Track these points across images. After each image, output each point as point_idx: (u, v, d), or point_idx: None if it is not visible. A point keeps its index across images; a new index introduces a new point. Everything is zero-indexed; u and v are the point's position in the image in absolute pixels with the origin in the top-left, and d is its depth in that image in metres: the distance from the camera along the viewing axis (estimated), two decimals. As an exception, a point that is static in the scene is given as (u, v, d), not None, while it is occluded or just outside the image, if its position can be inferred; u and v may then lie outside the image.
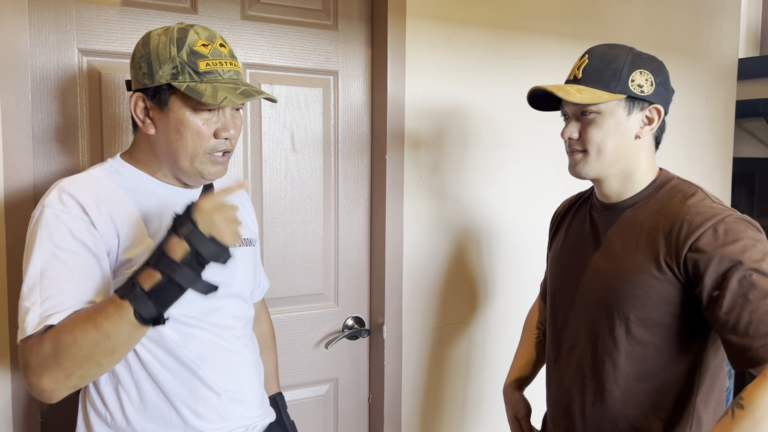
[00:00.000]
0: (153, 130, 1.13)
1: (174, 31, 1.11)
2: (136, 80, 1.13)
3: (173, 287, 0.97)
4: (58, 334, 0.97)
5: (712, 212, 1.12)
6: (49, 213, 1.05)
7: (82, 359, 0.96)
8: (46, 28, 1.47)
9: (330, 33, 1.83)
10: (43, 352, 0.97)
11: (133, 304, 0.95)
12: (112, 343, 0.96)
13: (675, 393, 1.17)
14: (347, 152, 1.89)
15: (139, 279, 0.97)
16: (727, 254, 1.08)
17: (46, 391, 0.98)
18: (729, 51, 2.54)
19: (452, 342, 2.03)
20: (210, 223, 0.99)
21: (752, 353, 1.06)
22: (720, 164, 2.57)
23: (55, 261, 1.03)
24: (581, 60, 1.23)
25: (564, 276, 1.34)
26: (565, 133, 1.23)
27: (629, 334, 1.17)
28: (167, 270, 0.96)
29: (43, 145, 1.49)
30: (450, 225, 1.99)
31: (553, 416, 1.36)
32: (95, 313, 0.98)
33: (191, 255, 0.96)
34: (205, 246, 0.97)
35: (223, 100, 1.07)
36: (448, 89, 1.94)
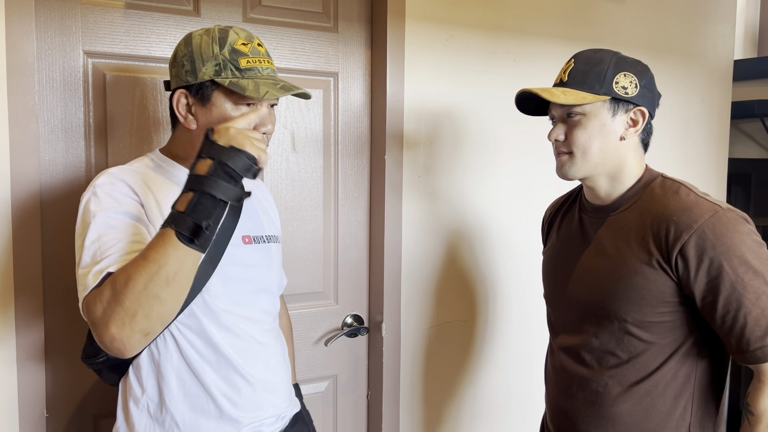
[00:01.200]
0: (195, 125, 1.18)
1: (215, 31, 1.17)
2: (178, 78, 1.17)
3: (206, 199, 0.97)
4: (114, 277, 0.99)
5: (698, 211, 1.12)
6: (100, 191, 1.12)
7: (139, 294, 0.95)
8: (52, 30, 1.50)
9: (330, 35, 1.85)
10: (103, 298, 0.97)
11: (172, 226, 0.97)
12: (165, 273, 0.96)
13: (673, 389, 1.19)
14: (347, 152, 1.92)
15: (175, 205, 1.00)
16: (716, 257, 1.09)
17: (116, 340, 0.97)
18: (724, 53, 2.56)
19: (450, 340, 2.06)
20: (228, 136, 1.00)
21: (750, 355, 1.10)
22: (715, 165, 2.59)
23: (109, 228, 1.07)
24: (568, 64, 1.25)
25: (558, 279, 1.34)
26: (552, 135, 1.25)
27: (627, 334, 1.19)
28: (196, 185, 0.98)
29: (49, 145, 1.52)
30: (448, 224, 2.02)
31: (552, 416, 1.36)
32: (144, 248, 1.00)
33: (215, 165, 0.98)
34: (226, 154, 0.98)
35: (266, 93, 1.12)
36: (446, 90, 1.96)
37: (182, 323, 1.17)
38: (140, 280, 0.95)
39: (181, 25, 1.64)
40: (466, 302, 2.08)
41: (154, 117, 1.63)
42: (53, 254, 1.54)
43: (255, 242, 1.29)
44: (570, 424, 1.29)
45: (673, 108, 2.43)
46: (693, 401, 1.21)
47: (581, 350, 1.26)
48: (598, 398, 1.23)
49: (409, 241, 1.95)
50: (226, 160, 0.98)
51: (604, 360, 1.22)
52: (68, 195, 1.55)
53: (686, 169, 2.50)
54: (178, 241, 0.96)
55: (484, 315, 2.10)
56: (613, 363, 1.21)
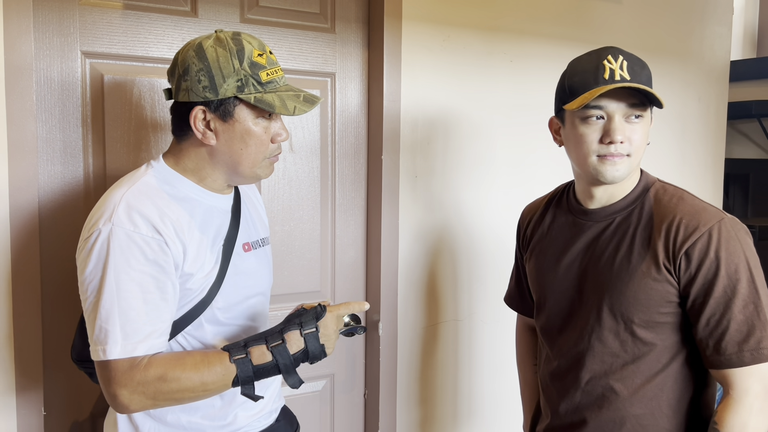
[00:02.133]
0: (215, 141, 1.15)
1: (229, 42, 1.12)
2: (193, 93, 1.12)
3: (274, 371, 1.11)
4: (165, 369, 1.06)
5: (707, 215, 1.15)
6: (121, 232, 1.06)
7: (174, 398, 1.08)
8: (50, 31, 1.51)
9: (327, 36, 1.86)
10: (144, 379, 1.05)
11: (238, 371, 1.09)
12: (203, 392, 1.09)
13: (681, 387, 1.20)
14: (344, 153, 1.93)
15: (251, 350, 1.10)
16: (716, 260, 1.12)
17: (129, 409, 1.07)
18: (721, 53, 2.57)
19: (446, 339, 2.07)
20: (327, 335, 1.14)
21: (725, 358, 1.11)
22: (712, 165, 2.60)
23: (131, 283, 1.06)
24: (618, 60, 1.16)
25: (557, 286, 1.32)
26: (617, 134, 1.15)
27: (634, 336, 1.19)
28: (279, 358, 1.10)
29: (48, 146, 1.53)
30: (444, 225, 2.03)
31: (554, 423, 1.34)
32: (203, 362, 1.09)
33: (301, 353, 1.12)
34: (314, 349, 1.13)
35: (294, 109, 1.14)
36: (443, 91, 1.97)
37: (190, 334, 1.19)
38: (183, 392, 1.07)
39: (179, 26, 1.65)
40: (462, 302, 2.08)
41: (152, 118, 1.64)
42: (51, 253, 1.55)
43: (253, 248, 1.31)
44: (577, 430, 1.27)
45: (670, 108, 2.44)
46: (702, 396, 1.22)
47: (585, 354, 1.24)
48: (605, 402, 1.22)
49: (405, 241, 1.96)
50: (311, 353, 1.13)
51: (613, 363, 1.22)
52: (67, 195, 1.56)
53: (683, 169, 2.51)
54: (230, 383, 1.09)
55: (480, 314, 2.11)
56: (621, 365, 1.21)
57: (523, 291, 1.52)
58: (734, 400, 1.11)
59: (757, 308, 1.11)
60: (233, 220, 1.26)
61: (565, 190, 1.39)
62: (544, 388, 1.38)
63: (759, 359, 1.10)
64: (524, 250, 1.46)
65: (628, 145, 1.17)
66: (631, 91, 1.15)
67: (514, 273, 1.56)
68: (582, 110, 1.18)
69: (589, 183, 1.25)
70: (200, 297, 1.17)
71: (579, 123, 1.19)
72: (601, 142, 1.17)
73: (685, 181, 2.50)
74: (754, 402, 1.10)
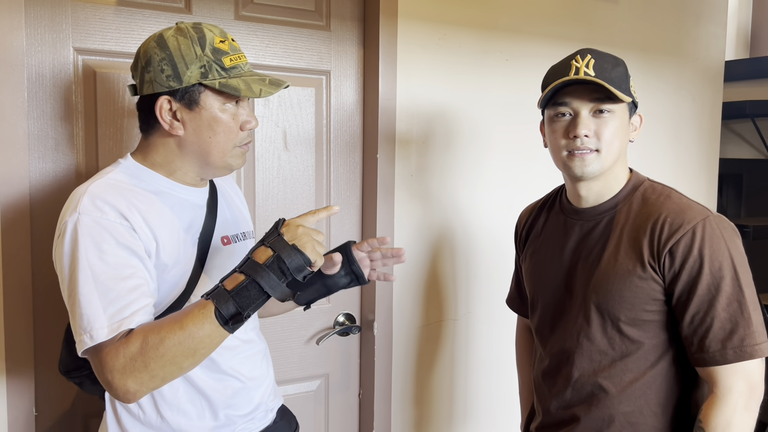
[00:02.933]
0: (182, 131, 1.13)
1: (189, 30, 1.12)
2: (157, 83, 1.11)
3: (254, 288, 1.01)
4: (145, 334, 1.00)
5: (692, 213, 1.16)
6: (87, 219, 1.05)
7: (167, 360, 1.00)
8: (42, 27, 1.49)
9: (322, 33, 1.85)
10: (129, 353, 0.99)
11: (215, 302, 1.00)
12: (194, 344, 1.00)
13: (669, 386, 1.21)
14: (339, 151, 1.92)
15: (224, 282, 1.03)
16: (699, 258, 1.13)
17: (130, 392, 1.00)
18: (716, 53, 2.58)
19: (441, 339, 2.06)
20: (294, 234, 1.05)
21: (709, 355, 1.13)
22: (706, 164, 2.61)
23: (106, 266, 1.03)
24: (585, 59, 1.20)
25: (548, 285, 1.34)
26: (581, 129, 1.18)
27: (621, 334, 1.20)
28: (250, 272, 1.02)
29: (39, 142, 1.51)
30: (440, 223, 2.02)
31: (546, 421, 1.35)
32: (181, 314, 1.02)
33: (273, 258, 1.02)
34: (287, 252, 1.03)
35: (260, 91, 1.11)
36: (438, 89, 1.96)
37: None
38: (171, 347, 0.99)
39: (172, 23, 1.63)
40: (458, 301, 2.08)
41: (145, 114, 1.62)
42: (43, 251, 1.53)
43: (234, 241, 1.29)
44: (567, 428, 1.28)
45: (664, 108, 2.44)
46: (691, 393, 1.22)
47: (574, 352, 1.26)
48: (594, 400, 1.23)
49: (401, 240, 1.95)
50: (284, 257, 1.02)
51: (601, 361, 1.23)
52: (58, 192, 1.54)
53: (677, 169, 2.51)
54: (215, 320, 1.00)
55: (475, 314, 2.10)
56: (605, 363, 1.22)
57: (522, 293, 1.54)
58: (718, 398, 1.12)
59: (740, 306, 1.12)
60: (209, 213, 1.24)
61: (558, 192, 1.42)
62: (536, 386, 1.39)
63: (742, 357, 1.11)
64: (521, 252, 1.48)
65: (595, 140, 1.19)
66: (595, 87, 1.18)
67: (514, 276, 1.59)
68: (550, 108, 1.24)
69: (572, 181, 1.28)
70: (180, 290, 1.15)
71: (549, 121, 1.26)
72: (567, 137, 1.21)
73: (679, 181, 2.51)
74: (739, 400, 1.11)
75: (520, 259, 1.49)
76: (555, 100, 1.22)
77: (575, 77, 1.18)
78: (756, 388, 1.13)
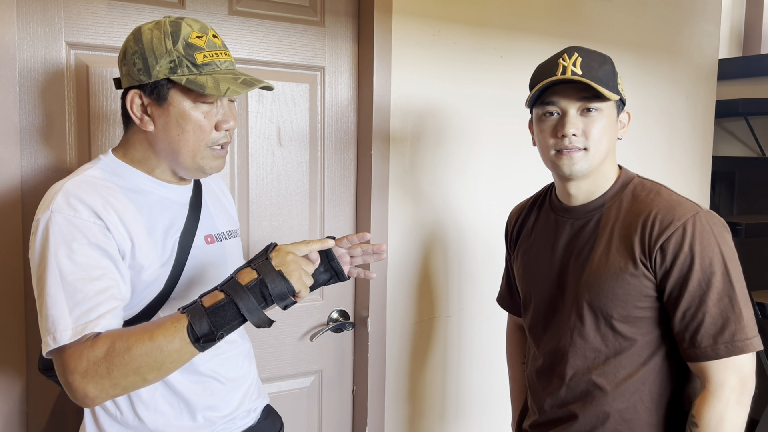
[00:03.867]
0: (152, 127, 1.11)
1: (166, 24, 1.09)
2: (130, 77, 1.10)
3: (231, 309, 0.98)
4: (113, 340, 0.97)
5: (682, 210, 1.17)
6: (60, 218, 1.03)
7: (131, 370, 0.96)
8: (33, 21, 1.48)
9: (317, 29, 1.85)
10: (93, 357, 0.96)
11: (189, 317, 0.97)
12: (162, 357, 0.97)
13: (662, 382, 1.21)
14: (333, 147, 1.91)
15: (202, 298, 1.00)
16: (690, 254, 1.13)
17: (89, 397, 0.97)
18: (709, 52, 2.58)
19: (435, 335, 2.07)
20: (282, 260, 1.02)
21: (700, 351, 1.13)
22: (700, 162, 2.62)
23: (75, 266, 1.00)
24: (572, 57, 1.21)
25: (540, 283, 1.34)
26: (569, 128, 1.19)
27: (614, 331, 1.21)
28: (231, 291, 0.99)
29: (30, 137, 1.50)
30: (434, 220, 2.02)
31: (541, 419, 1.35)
32: (153, 325, 0.99)
33: (256, 282, 0.99)
34: (271, 277, 1.00)
35: (227, 90, 1.07)
36: (433, 86, 1.96)
37: None
38: (138, 357, 0.96)
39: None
40: (451, 298, 2.08)
41: (138, 110, 1.61)
42: (35, 247, 1.52)
43: (218, 240, 1.27)
44: (562, 425, 1.29)
45: (658, 105, 2.45)
46: (684, 389, 1.23)
47: (567, 351, 1.26)
48: (588, 397, 1.24)
49: (395, 237, 1.95)
50: (268, 281, 0.99)
51: (595, 359, 1.23)
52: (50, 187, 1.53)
53: (671, 167, 2.52)
54: (186, 336, 0.97)
55: (469, 311, 2.11)
56: (599, 361, 1.23)
57: (512, 291, 1.54)
58: (711, 393, 1.13)
59: (731, 301, 1.13)
60: (192, 212, 1.22)
61: (548, 190, 1.42)
62: (531, 385, 1.39)
63: (733, 351, 1.12)
64: (512, 251, 1.49)
65: (583, 139, 1.20)
66: (582, 85, 1.18)
67: (505, 274, 1.59)
68: (538, 107, 1.24)
69: (561, 180, 1.28)
70: (158, 290, 1.13)
71: (537, 120, 1.26)
72: (555, 136, 1.22)
73: (672, 178, 2.51)
74: (731, 395, 1.13)
75: (511, 258, 1.50)
76: (542, 100, 1.23)
77: (562, 77, 1.18)
78: (747, 383, 1.14)
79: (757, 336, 1.13)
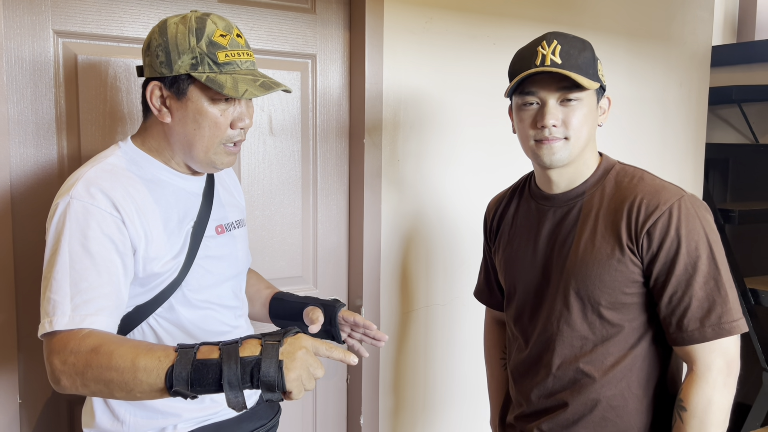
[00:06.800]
0: (169, 119, 1.14)
1: (192, 20, 1.11)
2: (152, 68, 1.12)
3: (214, 372, 0.92)
4: (101, 343, 0.97)
5: (666, 194, 1.17)
6: (78, 205, 1.05)
7: (102, 380, 0.95)
8: (20, 9, 1.46)
9: (308, 16, 1.83)
10: (77, 350, 0.96)
11: (177, 360, 0.92)
12: (134, 384, 0.93)
13: (649, 366, 1.21)
14: (325, 136, 1.90)
15: (202, 347, 0.95)
16: (677, 238, 1.13)
17: (59, 385, 0.99)
18: (703, 38, 2.58)
19: (429, 323, 2.07)
20: (292, 352, 0.93)
21: (687, 335, 1.14)
22: (693, 149, 2.62)
23: (85, 254, 1.02)
24: (551, 45, 1.19)
25: (524, 274, 1.33)
26: (549, 119, 1.17)
27: (602, 318, 1.21)
28: (225, 356, 0.92)
29: (19, 127, 1.49)
30: (428, 209, 2.02)
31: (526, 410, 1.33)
32: (143, 348, 0.95)
33: (253, 359, 0.92)
34: (268, 363, 0.91)
35: (245, 92, 1.09)
36: (426, 73, 1.95)
37: (161, 316, 1.17)
38: (112, 373, 0.94)
39: (155, 5, 1.60)
40: (445, 286, 2.08)
41: (127, 99, 1.60)
42: (24, 237, 1.51)
43: (227, 230, 1.29)
44: (550, 415, 1.28)
45: (651, 92, 2.45)
46: (663, 382, 1.23)
47: (554, 339, 1.26)
48: (576, 386, 1.23)
49: (388, 226, 1.94)
50: (263, 366, 0.91)
51: (583, 347, 1.23)
52: (40, 178, 1.52)
53: (664, 154, 2.52)
54: (163, 377, 0.92)
55: (463, 298, 2.11)
56: (587, 348, 1.22)
57: (491, 284, 1.53)
58: (698, 376, 1.14)
59: (717, 284, 1.13)
60: (204, 202, 1.24)
61: (527, 179, 1.41)
62: (515, 377, 1.37)
63: (720, 334, 1.12)
64: (492, 242, 1.46)
65: (563, 129, 1.19)
66: (562, 75, 1.16)
67: (483, 267, 1.57)
68: (518, 97, 1.22)
69: (542, 169, 1.27)
70: (170, 279, 1.15)
71: (517, 110, 1.25)
72: (535, 126, 1.20)
73: (666, 166, 2.52)
74: (718, 377, 1.13)
75: (492, 251, 1.47)
76: (522, 90, 1.21)
77: (542, 69, 1.16)
78: (733, 365, 1.14)
79: (743, 318, 1.14)
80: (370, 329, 1.34)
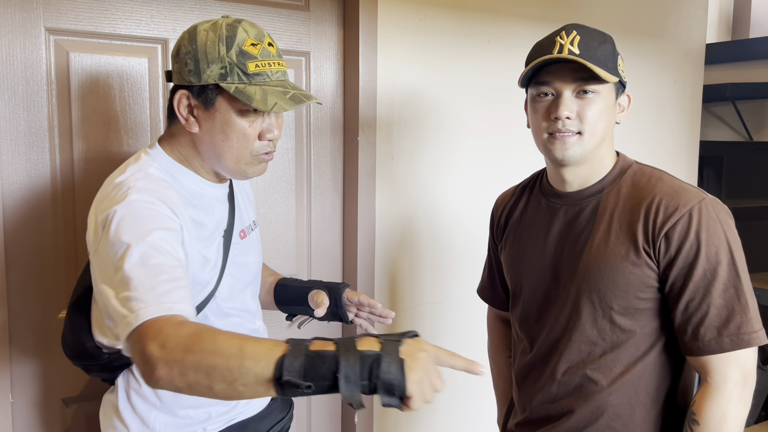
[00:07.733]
0: (197, 129, 1.11)
1: (222, 27, 1.08)
2: (180, 75, 1.09)
3: (329, 365, 0.82)
4: (200, 327, 0.87)
5: (687, 196, 1.11)
6: (139, 208, 1.01)
7: (204, 368, 0.83)
8: (11, 6, 1.45)
9: (301, 14, 1.82)
10: (178, 336, 0.85)
11: (288, 350, 0.83)
12: (239, 370, 0.82)
13: (659, 376, 1.16)
14: (319, 134, 1.90)
15: (314, 339, 0.87)
16: (696, 242, 1.08)
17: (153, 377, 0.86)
18: (697, 36, 2.58)
19: (423, 322, 2.07)
20: (413, 353, 0.85)
21: (704, 344, 1.08)
22: (687, 147, 2.62)
23: (155, 251, 0.97)
24: (570, 35, 1.14)
25: (532, 273, 1.27)
26: (563, 110, 1.12)
27: (613, 324, 1.15)
28: (342, 348, 0.84)
29: (11, 126, 1.48)
30: (422, 206, 2.01)
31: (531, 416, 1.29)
32: (251, 337, 0.87)
33: (373, 358, 0.82)
34: (389, 359, 0.82)
35: (274, 105, 1.05)
36: (420, 71, 1.95)
37: None
38: (217, 358, 0.83)
39: (147, 2, 1.60)
40: (440, 284, 2.08)
41: (120, 98, 1.59)
42: (16, 237, 1.50)
43: (247, 233, 1.29)
44: (553, 423, 1.23)
45: (646, 90, 2.45)
46: (674, 393, 1.18)
47: (561, 344, 1.20)
48: (582, 393, 1.18)
49: (382, 223, 1.94)
50: (385, 365, 0.82)
51: (591, 352, 1.18)
52: (32, 176, 1.51)
53: (659, 151, 2.52)
54: (272, 366, 0.82)
55: (457, 297, 2.11)
56: (595, 354, 1.17)
57: (494, 283, 1.48)
58: (713, 388, 1.08)
59: (737, 292, 1.07)
60: (230, 208, 1.23)
61: (538, 176, 1.35)
62: (518, 381, 1.33)
63: (739, 345, 1.06)
64: (498, 239, 1.41)
65: (577, 122, 1.13)
66: (579, 66, 1.11)
67: (487, 264, 1.52)
68: (533, 88, 1.17)
69: (554, 165, 1.21)
70: (207, 291, 1.14)
71: (531, 101, 1.19)
72: (548, 118, 1.15)
73: (660, 163, 2.50)
74: (734, 390, 1.07)
75: (498, 248, 1.42)
76: (537, 80, 1.16)
77: (557, 56, 1.11)
78: (749, 378, 1.08)
79: (762, 329, 1.07)
80: (375, 308, 1.34)
